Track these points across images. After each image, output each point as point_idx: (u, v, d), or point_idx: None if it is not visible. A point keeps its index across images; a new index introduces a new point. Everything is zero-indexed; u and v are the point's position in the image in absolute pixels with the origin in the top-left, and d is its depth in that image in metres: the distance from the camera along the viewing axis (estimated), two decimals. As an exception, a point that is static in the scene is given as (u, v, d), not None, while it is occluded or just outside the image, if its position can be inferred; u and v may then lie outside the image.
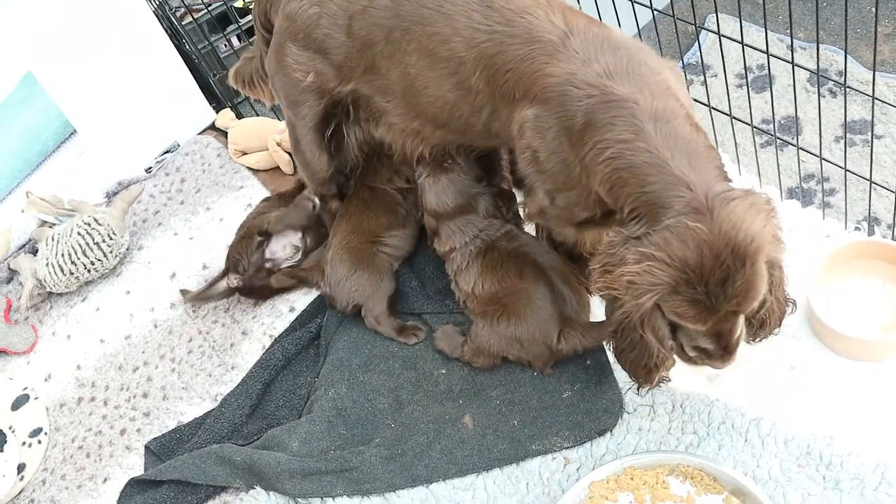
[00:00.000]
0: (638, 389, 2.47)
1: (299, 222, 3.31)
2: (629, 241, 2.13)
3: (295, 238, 3.34)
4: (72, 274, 3.55)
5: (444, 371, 2.88)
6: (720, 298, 2.04)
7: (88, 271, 3.58)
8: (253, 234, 3.28)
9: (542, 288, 2.74)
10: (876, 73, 2.57)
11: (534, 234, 2.94)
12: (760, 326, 2.32)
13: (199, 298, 3.35)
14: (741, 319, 2.17)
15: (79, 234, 3.53)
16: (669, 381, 2.47)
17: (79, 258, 3.52)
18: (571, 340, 2.69)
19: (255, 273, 3.27)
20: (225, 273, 3.30)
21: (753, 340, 2.37)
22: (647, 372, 2.32)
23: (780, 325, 2.35)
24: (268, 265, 3.29)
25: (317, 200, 3.30)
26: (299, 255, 3.36)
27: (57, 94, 3.87)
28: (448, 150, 2.91)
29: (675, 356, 2.31)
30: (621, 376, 2.68)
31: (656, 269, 2.05)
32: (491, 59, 2.42)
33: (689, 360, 2.28)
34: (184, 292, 3.43)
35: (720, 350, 2.20)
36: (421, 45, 2.55)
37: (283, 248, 3.33)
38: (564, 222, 2.60)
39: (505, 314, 2.74)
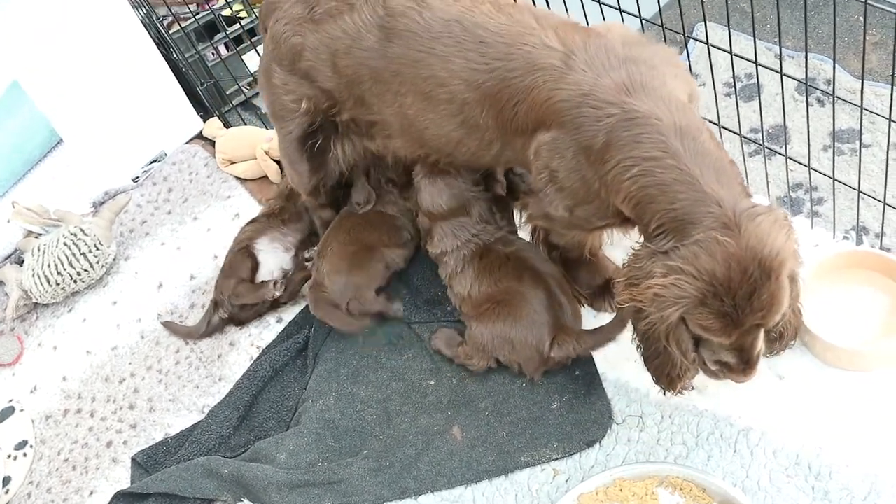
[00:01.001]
0: (664, 393, 2.46)
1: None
2: (656, 256, 2.15)
3: (286, 259, 3.33)
4: (58, 285, 3.53)
5: (432, 382, 2.86)
6: (746, 311, 2.07)
7: (75, 282, 3.56)
8: (232, 276, 3.25)
9: (540, 293, 2.74)
10: (864, 81, 2.57)
11: (528, 238, 2.93)
12: (779, 338, 2.34)
13: (198, 336, 3.33)
14: (762, 333, 2.19)
15: (65, 244, 3.51)
16: (693, 388, 2.48)
17: (65, 269, 3.50)
18: (565, 347, 2.68)
19: (236, 310, 3.26)
20: (214, 305, 3.29)
21: (771, 354, 2.39)
22: (669, 380, 2.33)
23: (795, 338, 2.39)
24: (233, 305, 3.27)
25: (277, 293, 3.24)
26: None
27: (43, 103, 3.86)
28: None
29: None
30: (610, 387, 2.68)
31: (684, 283, 2.07)
32: (496, 98, 2.40)
33: (710, 373, 2.32)
34: (169, 325, 3.40)
35: (742, 364, 2.23)
36: (416, 87, 2.53)
37: (272, 273, 3.31)
38: (577, 228, 2.61)
39: (500, 313, 2.74)
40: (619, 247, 2.85)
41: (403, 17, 2.51)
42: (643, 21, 3.04)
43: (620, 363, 2.74)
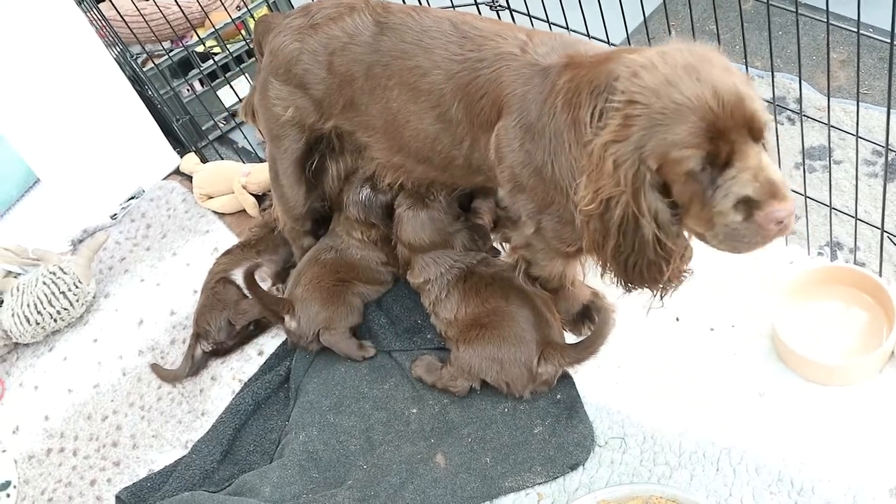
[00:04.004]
0: (660, 298, 2.36)
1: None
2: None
3: (263, 287, 3.32)
4: (38, 324, 3.52)
5: (415, 410, 2.87)
6: (684, 87, 1.97)
7: (55, 321, 3.55)
8: (219, 307, 3.26)
9: (527, 311, 2.76)
10: (832, 99, 2.60)
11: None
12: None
13: (184, 377, 3.30)
14: (762, 150, 2.02)
15: (44, 283, 3.51)
16: (691, 273, 2.30)
17: (45, 308, 3.49)
18: (552, 361, 2.70)
19: (226, 337, 3.26)
20: (195, 339, 3.28)
21: None
22: (658, 270, 2.20)
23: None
24: (238, 325, 3.28)
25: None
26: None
27: (19, 142, 3.85)
28: (430, 186, 2.93)
29: (687, 246, 2.23)
30: (592, 410, 2.69)
31: (616, 119, 2.06)
32: (466, 89, 2.46)
33: (741, 233, 2.05)
34: (156, 369, 3.36)
35: (766, 189, 1.98)
36: (402, 79, 2.58)
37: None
38: (553, 252, 2.62)
39: (487, 335, 2.75)
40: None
41: (400, 13, 2.61)
42: (612, 47, 3.07)
43: (601, 386, 2.76)
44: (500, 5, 3.12)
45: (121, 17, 3.86)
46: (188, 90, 4.22)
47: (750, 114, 1.99)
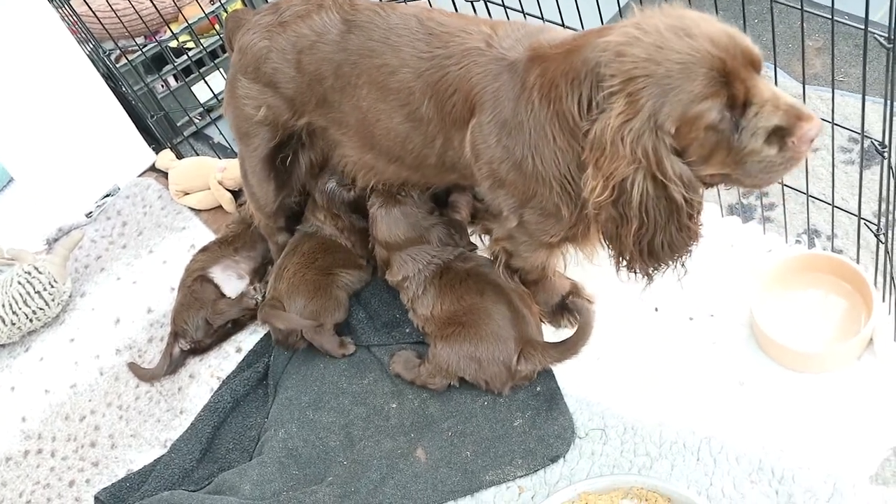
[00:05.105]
0: (684, 266, 2.30)
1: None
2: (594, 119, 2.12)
3: (241, 286, 3.31)
4: (13, 324, 3.49)
5: (394, 405, 2.85)
6: (679, 46, 1.98)
7: (31, 321, 3.52)
8: (196, 306, 3.24)
9: (503, 308, 2.75)
10: (808, 86, 2.60)
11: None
12: None
13: (162, 375, 3.28)
14: (761, 78, 2.05)
15: (19, 283, 3.47)
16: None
17: (20, 308, 3.46)
18: (532, 360, 2.69)
19: (203, 335, 3.24)
20: (174, 337, 3.27)
21: None
22: (688, 233, 2.19)
23: None
24: (216, 325, 3.26)
25: (259, 297, 3.27)
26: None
27: (-9, 142, 3.83)
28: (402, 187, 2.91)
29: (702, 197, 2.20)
30: (572, 401, 2.69)
31: (621, 104, 2.03)
32: (435, 86, 2.44)
33: (774, 163, 2.06)
34: (134, 368, 3.34)
35: (792, 114, 2.00)
36: (371, 77, 2.57)
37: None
38: (535, 245, 2.61)
39: (464, 333, 2.73)
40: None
41: (367, 10, 2.60)
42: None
43: (581, 378, 2.75)
44: (475, -3, 3.11)
45: (93, 12, 3.83)
46: (162, 86, 4.19)
47: (748, 49, 2.02)
